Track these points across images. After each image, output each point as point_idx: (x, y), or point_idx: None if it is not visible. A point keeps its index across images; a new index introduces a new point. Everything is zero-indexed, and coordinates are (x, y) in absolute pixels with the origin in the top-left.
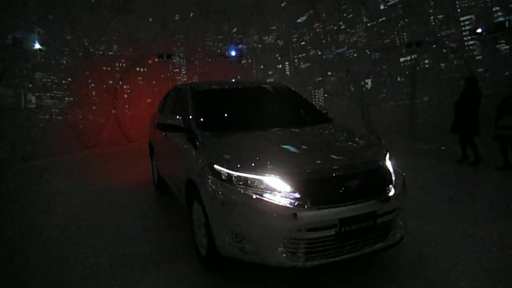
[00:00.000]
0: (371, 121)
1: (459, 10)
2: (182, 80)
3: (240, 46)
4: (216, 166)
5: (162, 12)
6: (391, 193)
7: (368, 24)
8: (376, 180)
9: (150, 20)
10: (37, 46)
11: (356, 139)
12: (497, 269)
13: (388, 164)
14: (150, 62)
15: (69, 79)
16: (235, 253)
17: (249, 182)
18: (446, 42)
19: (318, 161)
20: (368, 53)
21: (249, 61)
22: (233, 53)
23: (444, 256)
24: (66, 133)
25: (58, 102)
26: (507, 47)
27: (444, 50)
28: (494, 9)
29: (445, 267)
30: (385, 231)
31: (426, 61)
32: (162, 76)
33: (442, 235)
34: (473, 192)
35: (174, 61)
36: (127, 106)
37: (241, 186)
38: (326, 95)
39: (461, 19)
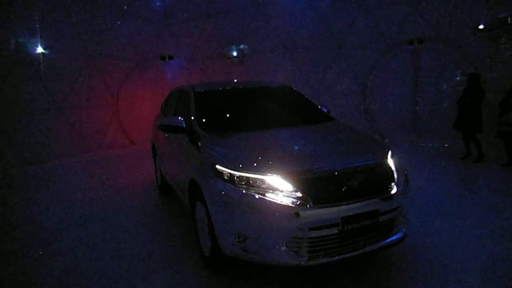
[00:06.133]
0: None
1: None
2: (184, 81)
3: (242, 46)
4: (218, 167)
5: (164, 14)
6: (394, 191)
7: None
8: (378, 178)
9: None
10: (39, 50)
11: (358, 137)
12: (502, 266)
13: (391, 162)
14: (152, 63)
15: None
16: (238, 253)
17: (251, 182)
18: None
19: (320, 160)
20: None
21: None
22: (234, 54)
23: (448, 253)
24: (69, 136)
25: (61, 105)
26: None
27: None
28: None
29: (449, 265)
30: (388, 229)
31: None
32: (165, 77)
33: (446, 233)
34: (477, 189)
35: (176, 62)
36: (129, 108)
37: (244, 186)
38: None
39: None
